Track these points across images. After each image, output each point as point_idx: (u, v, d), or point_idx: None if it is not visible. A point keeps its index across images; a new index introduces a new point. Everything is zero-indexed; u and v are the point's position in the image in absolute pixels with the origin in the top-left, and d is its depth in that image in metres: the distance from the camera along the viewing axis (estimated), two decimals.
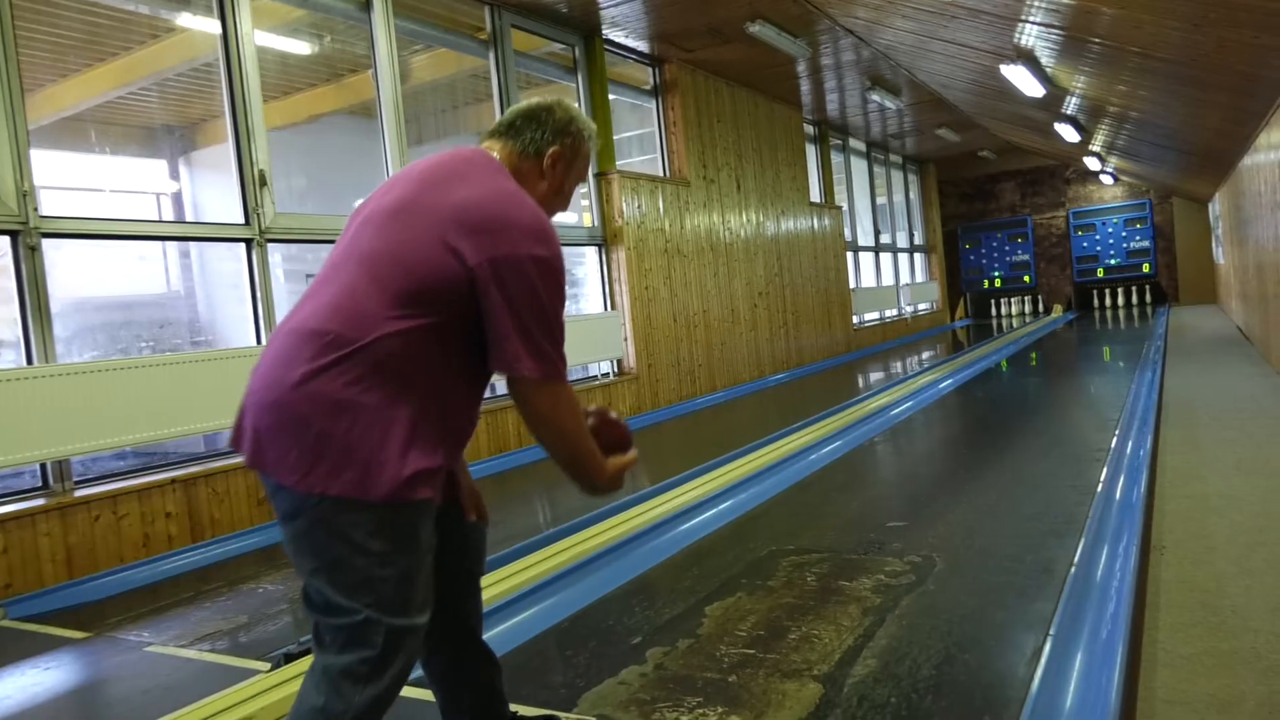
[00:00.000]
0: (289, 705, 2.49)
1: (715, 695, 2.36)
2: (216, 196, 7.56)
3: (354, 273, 1.55)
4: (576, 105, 1.85)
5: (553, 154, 1.76)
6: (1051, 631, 2.51)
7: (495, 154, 1.74)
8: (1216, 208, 14.17)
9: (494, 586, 3.30)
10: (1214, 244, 15.80)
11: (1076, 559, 3.12)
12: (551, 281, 1.56)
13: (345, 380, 1.46)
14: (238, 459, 4.94)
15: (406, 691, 2.60)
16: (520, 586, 3.30)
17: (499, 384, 1.70)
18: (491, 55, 7.45)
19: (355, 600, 1.47)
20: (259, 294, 5.35)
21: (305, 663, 2.71)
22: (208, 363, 4.82)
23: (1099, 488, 4.12)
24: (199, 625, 3.43)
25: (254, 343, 5.34)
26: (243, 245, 5.35)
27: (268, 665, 2.81)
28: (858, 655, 2.54)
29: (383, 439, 1.47)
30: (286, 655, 2.81)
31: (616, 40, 8.67)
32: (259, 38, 5.58)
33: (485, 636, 1.95)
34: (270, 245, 5.43)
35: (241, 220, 5.33)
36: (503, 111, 7.41)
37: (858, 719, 2.17)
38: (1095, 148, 14.32)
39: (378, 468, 1.46)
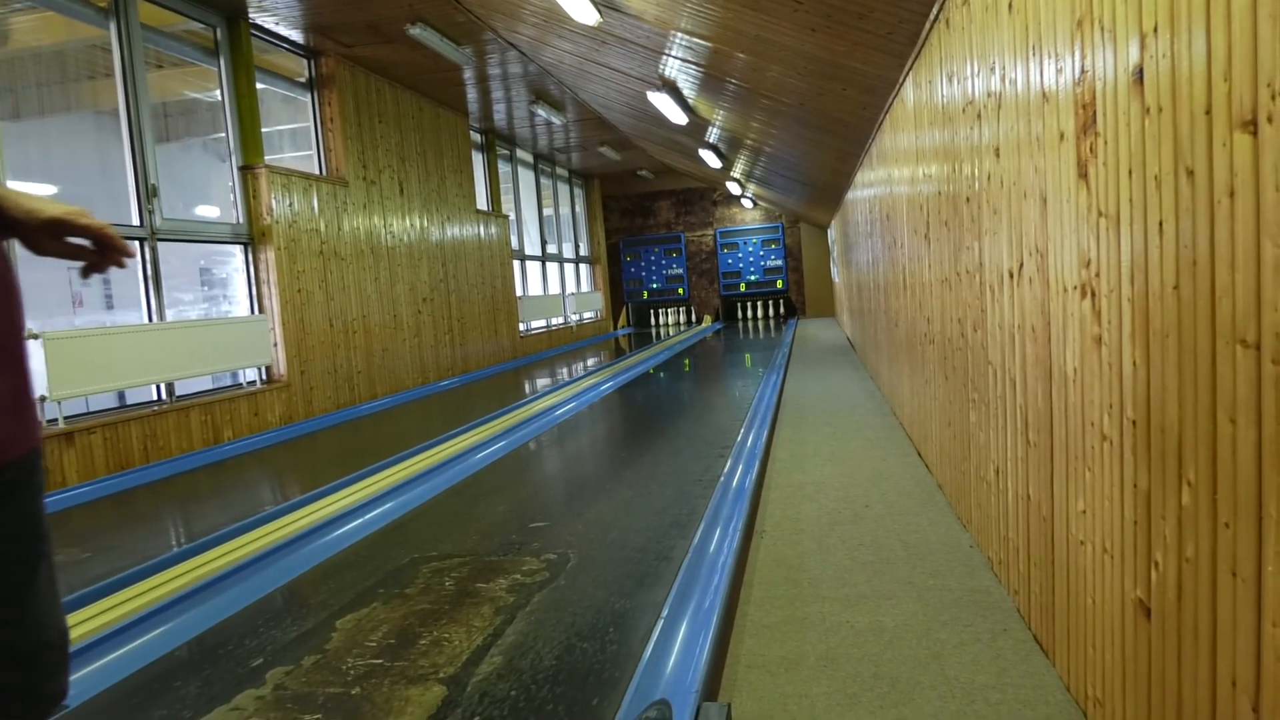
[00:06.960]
0: None
1: (336, 710, 2.30)
2: None
3: None
4: None
5: None
6: (664, 613, 2.75)
7: None
8: (833, 233, 16.33)
9: (94, 619, 2.96)
10: (832, 265, 18.19)
11: (693, 545, 3.44)
12: None
13: None
14: None
15: None
16: (126, 616, 2.98)
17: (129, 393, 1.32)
18: (113, 26, 6.66)
19: None
20: None
21: None
22: None
23: (720, 479, 4.58)
24: None
25: None
26: None
27: None
28: (485, 654, 2.60)
29: None
30: None
31: (266, 26, 8.13)
32: None
33: (81, 674, 1.67)
34: None
35: None
36: (126, 90, 6.67)
37: (478, 716, 2.23)
38: (736, 174, 15.90)
39: None
